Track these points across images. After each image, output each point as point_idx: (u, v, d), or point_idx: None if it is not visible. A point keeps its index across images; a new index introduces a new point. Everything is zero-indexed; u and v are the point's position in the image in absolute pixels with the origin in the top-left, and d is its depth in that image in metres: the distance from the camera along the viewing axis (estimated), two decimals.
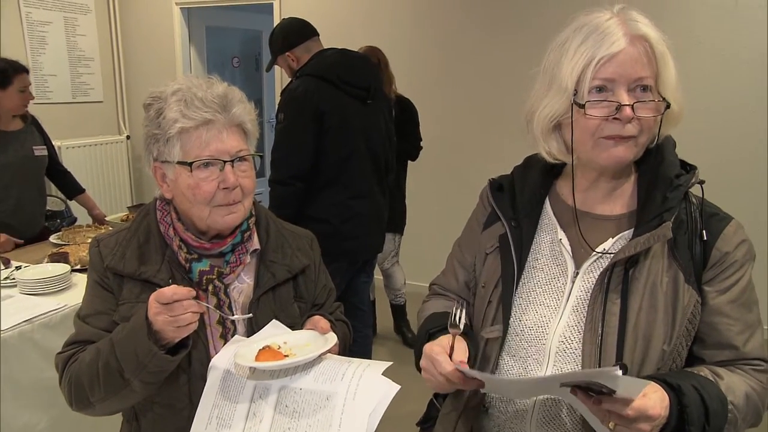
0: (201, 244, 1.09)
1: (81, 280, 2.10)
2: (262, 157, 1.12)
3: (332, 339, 1.02)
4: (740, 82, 3.22)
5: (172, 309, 0.93)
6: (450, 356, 0.90)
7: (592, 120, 0.87)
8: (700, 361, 0.93)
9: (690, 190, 0.93)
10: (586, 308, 0.92)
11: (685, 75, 0.90)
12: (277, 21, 4.34)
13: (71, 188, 3.09)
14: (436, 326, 1.02)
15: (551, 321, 0.94)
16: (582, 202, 0.98)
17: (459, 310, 0.93)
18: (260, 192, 3.58)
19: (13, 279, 2.05)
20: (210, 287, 1.08)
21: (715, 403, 0.84)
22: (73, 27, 4.47)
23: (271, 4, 4.38)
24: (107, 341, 1.01)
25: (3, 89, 2.59)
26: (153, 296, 0.95)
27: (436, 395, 1.13)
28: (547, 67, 0.93)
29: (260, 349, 0.99)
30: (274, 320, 1.10)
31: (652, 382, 0.83)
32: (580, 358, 0.90)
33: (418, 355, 1.00)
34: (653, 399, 0.79)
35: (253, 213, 1.15)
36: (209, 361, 1.05)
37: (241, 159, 1.06)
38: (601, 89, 0.86)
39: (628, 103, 0.85)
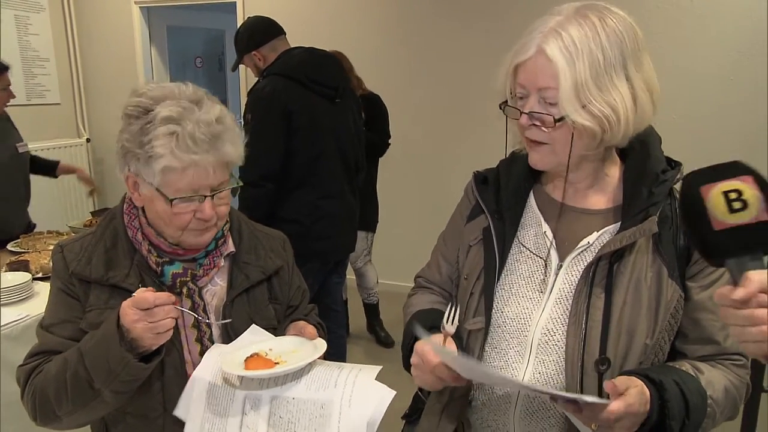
0: (174, 250, 1.07)
1: (43, 288, 2.02)
2: (241, 187, 1.08)
3: (322, 345, 1.00)
4: (701, 79, 3.33)
5: (152, 315, 0.91)
6: None
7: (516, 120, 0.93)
8: (682, 356, 0.95)
9: (674, 186, 0.94)
10: (570, 301, 0.93)
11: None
12: (240, 20, 4.27)
13: (48, 167, 3.03)
14: (423, 326, 1.01)
15: (533, 313, 0.95)
16: (566, 196, 0.99)
17: (453, 311, 0.94)
18: None
19: None
20: (184, 290, 1.06)
21: (696, 398, 0.86)
22: (25, 26, 4.30)
23: (234, 3, 4.31)
24: (75, 351, 0.98)
25: None
26: (129, 302, 0.92)
27: (420, 388, 1.13)
28: None
29: (248, 357, 0.96)
30: (253, 325, 1.08)
31: (634, 377, 0.84)
32: (564, 350, 0.92)
33: (405, 354, 1.00)
34: (632, 396, 0.80)
35: (227, 219, 1.13)
36: (183, 365, 1.03)
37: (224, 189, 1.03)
38: (521, 93, 0.91)
39: (526, 111, 0.89)
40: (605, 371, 0.89)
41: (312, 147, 2.27)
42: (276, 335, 1.11)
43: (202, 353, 1.06)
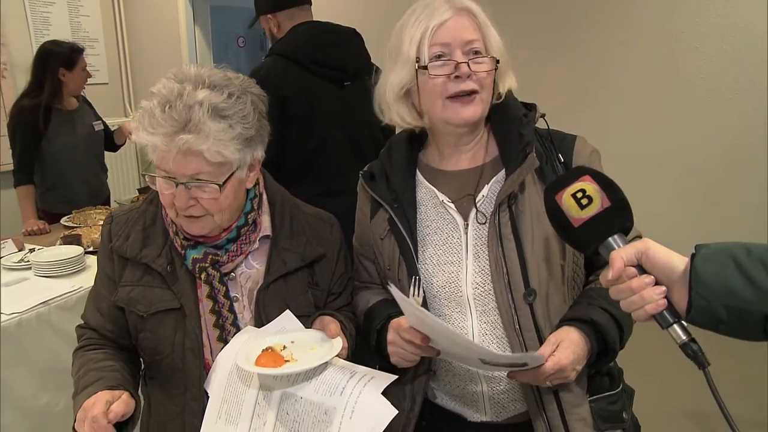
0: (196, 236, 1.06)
1: (95, 262, 2.09)
2: (221, 184, 0.98)
3: (337, 346, 0.99)
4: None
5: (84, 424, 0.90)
6: None
7: (436, 80, 0.99)
8: (597, 260, 1.05)
9: (536, 125, 1.06)
10: (486, 252, 1.00)
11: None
12: None
13: (108, 140, 3.15)
14: (380, 321, 1.06)
15: (460, 274, 1.02)
16: (450, 164, 1.09)
17: (415, 287, 1.03)
18: None
19: (27, 261, 2.06)
20: (203, 275, 1.05)
21: (621, 312, 0.95)
22: (76, 8, 4.42)
23: None
24: (77, 390, 1.00)
25: (70, 70, 2.75)
26: (92, 400, 0.92)
27: (381, 366, 1.17)
28: (390, 50, 1.05)
29: (263, 349, 0.98)
30: (287, 311, 1.07)
31: (566, 328, 0.95)
32: (494, 296, 1.00)
33: (375, 346, 1.06)
34: (561, 352, 0.91)
35: (255, 206, 1.09)
36: (201, 349, 1.05)
37: (202, 180, 0.96)
38: (440, 55, 0.99)
39: (464, 61, 0.97)
40: (533, 301, 0.98)
41: (311, 138, 2.00)
42: (312, 320, 1.10)
43: (220, 339, 1.06)
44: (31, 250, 2.18)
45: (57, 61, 2.72)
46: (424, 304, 1.04)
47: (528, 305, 0.98)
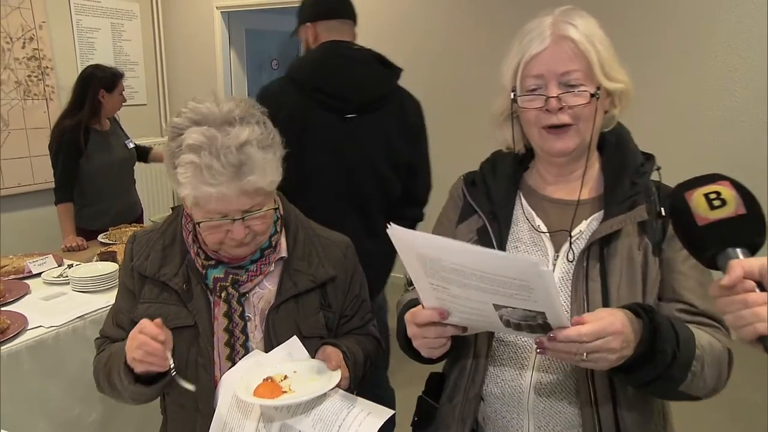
0: (218, 257, 1.10)
1: None
2: (276, 207, 1.06)
3: (336, 378, 1.00)
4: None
5: (139, 339, 0.97)
6: None
7: (529, 112, 0.97)
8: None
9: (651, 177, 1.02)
10: (569, 288, 0.97)
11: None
12: None
13: (142, 153, 3.34)
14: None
15: None
16: (552, 190, 1.06)
17: None
18: None
19: (66, 276, 2.14)
20: (223, 294, 1.08)
21: (686, 332, 0.88)
22: (119, 33, 4.63)
23: None
24: (112, 353, 1.08)
25: (110, 92, 2.89)
26: (137, 327, 0.99)
27: (427, 392, 1.14)
28: (500, 71, 1.03)
29: (264, 379, 1.00)
30: (294, 337, 1.08)
31: (610, 309, 0.86)
32: None
33: (402, 343, 1.02)
34: (607, 319, 0.80)
35: (278, 228, 1.12)
36: (212, 366, 1.08)
37: (260, 210, 1.02)
38: (534, 89, 0.96)
39: (554, 95, 0.94)
40: None
41: (300, 168, 1.80)
42: (315, 351, 1.11)
43: (229, 358, 1.09)
44: (70, 266, 2.27)
45: (99, 83, 2.85)
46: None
47: None
